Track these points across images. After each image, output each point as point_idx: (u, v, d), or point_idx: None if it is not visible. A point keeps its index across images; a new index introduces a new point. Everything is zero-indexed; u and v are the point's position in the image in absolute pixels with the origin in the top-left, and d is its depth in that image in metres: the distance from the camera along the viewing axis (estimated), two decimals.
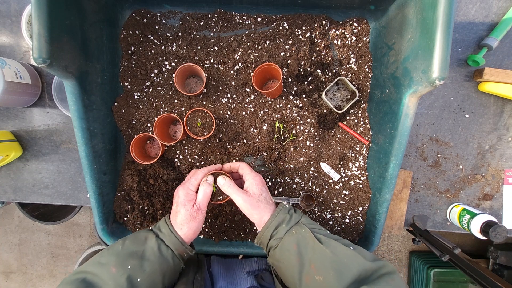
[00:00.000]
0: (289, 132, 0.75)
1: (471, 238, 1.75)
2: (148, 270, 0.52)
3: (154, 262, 0.53)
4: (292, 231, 0.55)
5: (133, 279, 0.50)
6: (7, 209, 1.91)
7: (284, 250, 0.54)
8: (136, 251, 0.53)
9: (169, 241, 0.56)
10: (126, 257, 0.52)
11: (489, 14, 0.76)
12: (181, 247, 0.56)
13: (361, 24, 0.72)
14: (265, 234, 0.57)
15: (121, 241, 0.56)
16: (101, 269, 0.51)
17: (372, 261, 0.50)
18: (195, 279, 0.59)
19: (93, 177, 0.66)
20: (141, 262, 0.52)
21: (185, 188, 0.61)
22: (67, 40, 0.55)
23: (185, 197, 0.60)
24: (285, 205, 0.60)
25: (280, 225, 0.56)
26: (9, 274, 1.96)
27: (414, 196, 0.82)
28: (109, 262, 0.51)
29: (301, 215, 0.59)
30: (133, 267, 0.51)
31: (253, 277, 0.64)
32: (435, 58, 0.49)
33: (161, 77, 0.74)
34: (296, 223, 0.56)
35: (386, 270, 0.50)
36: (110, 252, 0.54)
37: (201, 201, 0.60)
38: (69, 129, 0.81)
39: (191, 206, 0.59)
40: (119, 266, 0.50)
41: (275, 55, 0.72)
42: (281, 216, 0.57)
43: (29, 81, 0.75)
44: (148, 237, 0.56)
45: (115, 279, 0.49)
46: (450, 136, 0.80)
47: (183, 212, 0.58)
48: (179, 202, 0.59)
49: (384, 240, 1.85)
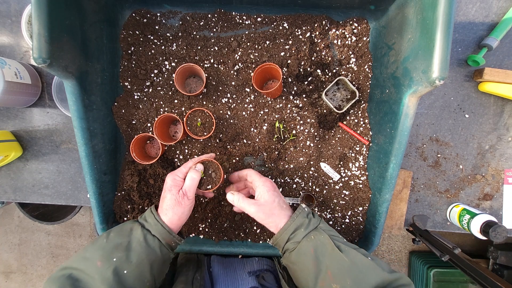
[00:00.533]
0: (289, 132, 0.75)
1: (471, 238, 1.75)
2: (134, 261, 0.51)
3: (141, 253, 0.52)
4: (310, 235, 0.55)
5: (119, 271, 0.50)
6: (7, 209, 1.91)
7: (301, 254, 0.54)
8: (121, 243, 0.53)
9: (155, 231, 0.55)
10: (111, 249, 0.51)
11: (489, 14, 0.76)
12: (168, 236, 0.56)
13: (361, 24, 0.72)
14: (282, 237, 0.56)
15: (105, 234, 0.55)
16: (86, 264, 0.50)
17: (390, 273, 0.51)
18: (195, 278, 0.59)
19: (93, 177, 0.66)
20: (127, 253, 0.51)
21: (173, 175, 0.61)
22: (67, 40, 0.55)
23: (172, 182, 0.60)
24: (304, 209, 0.59)
25: (298, 228, 0.56)
26: (9, 274, 1.96)
27: (414, 196, 0.82)
28: (94, 256, 0.51)
29: (319, 220, 0.59)
30: (119, 259, 0.50)
31: (254, 277, 0.64)
32: (435, 58, 0.49)
33: (161, 77, 0.74)
34: (315, 228, 0.56)
35: (402, 282, 0.50)
36: (95, 247, 0.53)
37: (187, 186, 0.59)
38: (69, 129, 0.81)
39: (177, 191, 0.59)
40: (104, 260, 0.50)
41: (275, 55, 0.72)
42: (300, 220, 0.56)
43: (29, 81, 0.75)
44: (134, 228, 0.56)
45: (101, 273, 0.48)
46: (450, 136, 0.80)
47: (168, 197, 0.58)
48: (165, 187, 0.60)
49: (384, 240, 1.85)
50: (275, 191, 0.61)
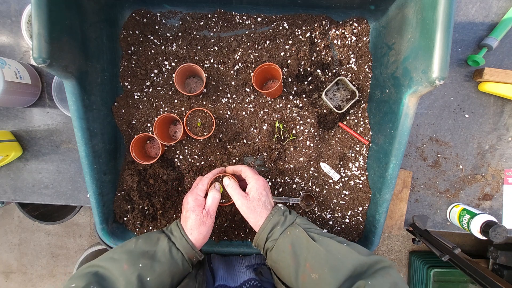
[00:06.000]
0: (289, 132, 0.75)
1: (471, 238, 1.75)
2: (158, 271, 0.53)
3: (164, 264, 0.54)
4: (286, 232, 0.55)
5: (143, 277, 0.51)
6: (7, 209, 1.91)
7: (279, 251, 0.54)
8: (148, 251, 0.54)
9: (180, 245, 0.57)
10: (138, 256, 0.53)
11: (489, 14, 0.76)
12: (191, 251, 0.57)
13: (361, 24, 0.72)
14: (261, 236, 0.57)
15: (134, 240, 0.57)
16: (113, 265, 0.52)
17: (367, 256, 0.51)
18: (198, 274, 0.60)
19: (93, 177, 0.66)
20: (152, 262, 0.53)
21: (194, 194, 0.62)
22: (67, 40, 0.55)
23: (194, 202, 0.61)
24: (280, 207, 0.60)
25: (275, 227, 0.57)
26: (9, 274, 1.96)
27: (414, 196, 0.82)
28: (121, 259, 0.53)
29: (295, 216, 0.59)
30: (144, 266, 0.52)
31: (251, 270, 0.65)
32: (435, 58, 0.49)
33: (161, 77, 0.74)
34: (291, 224, 0.57)
35: (383, 265, 0.50)
36: (123, 250, 0.55)
37: (210, 206, 0.61)
38: (69, 129, 0.81)
39: (201, 211, 0.60)
40: (130, 264, 0.52)
41: (275, 55, 0.72)
42: (276, 218, 0.57)
43: (29, 81, 0.75)
44: (160, 238, 0.57)
45: (126, 276, 0.50)
46: (450, 136, 0.80)
47: (193, 217, 0.59)
48: (188, 208, 0.60)
49: (384, 240, 1.85)
50: (264, 190, 0.62)
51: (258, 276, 0.63)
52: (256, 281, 0.60)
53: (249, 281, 0.60)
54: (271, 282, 0.62)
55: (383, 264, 0.50)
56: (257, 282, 0.60)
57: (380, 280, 0.47)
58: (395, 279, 0.48)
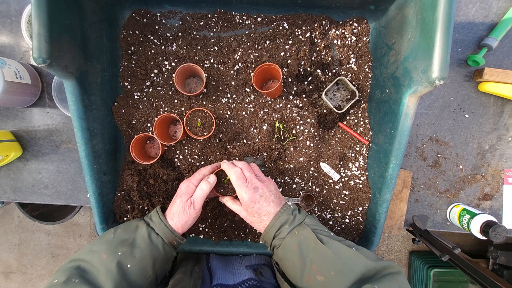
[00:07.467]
0: (289, 132, 0.75)
1: (471, 238, 1.75)
2: (138, 257, 0.53)
3: (144, 249, 0.54)
4: (294, 231, 0.55)
5: (123, 264, 0.52)
6: (7, 209, 1.91)
7: (286, 250, 0.54)
8: (127, 239, 0.55)
9: (159, 229, 0.58)
10: (117, 244, 0.54)
11: (489, 14, 0.76)
12: (170, 235, 0.58)
13: (361, 24, 0.72)
14: (268, 234, 0.57)
15: (112, 230, 0.58)
16: (92, 256, 0.52)
17: (375, 261, 0.50)
18: (193, 270, 0.61)
19: (93, 177, 0.66)
20: (131, 249, 0.54)
21: (188, 181, 0.63)
22: (67, 40, 0.55)
23: (185, 188, 0.62)
24: (289, 206, 0.60)
25: (283, 225, 0.56)
26: (9, 274, 1.96)
27: (414, 196, 0.82)
28: (100, 249, 0.53)
29: (305, 216, 0.59)
30: (123, 254, 0.53)
31: (251, 270, 0.64)
32: (435, 58, 0.49)
33: (161, 77, 0.74)
34: (299, 224, 0.56)
35: (391, 270, 0.50)
36: (101, 240, 0.56)
37: (196, 196, 0.61)
38: (69, 129, 0.81)
39: (186, 199, 0.60)
40: (110, 253, 0.52)
41: (275, 55, 0.72)
42: (285, 217, 0.57)
43: (29, 81, 0.75)
44: (139, 225, 0.58)
45: (106, 265, 0.51)
46: (450, 136, 0.80)
47: (177, 202, 0.60)
48: (178, 192, 0.62)
49: (384, 240, 1.85)
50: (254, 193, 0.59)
51: (258, 276, 0.63)
52: (255, 281, 0.60)
53: (248, 280, 0.60)
54: (271, 282, 0.62)
55: (391, 270, 0.50)
56: (256, 282, 0.60)
57: (387, 285, 0.47)
58: (402, 285, 0.48)
